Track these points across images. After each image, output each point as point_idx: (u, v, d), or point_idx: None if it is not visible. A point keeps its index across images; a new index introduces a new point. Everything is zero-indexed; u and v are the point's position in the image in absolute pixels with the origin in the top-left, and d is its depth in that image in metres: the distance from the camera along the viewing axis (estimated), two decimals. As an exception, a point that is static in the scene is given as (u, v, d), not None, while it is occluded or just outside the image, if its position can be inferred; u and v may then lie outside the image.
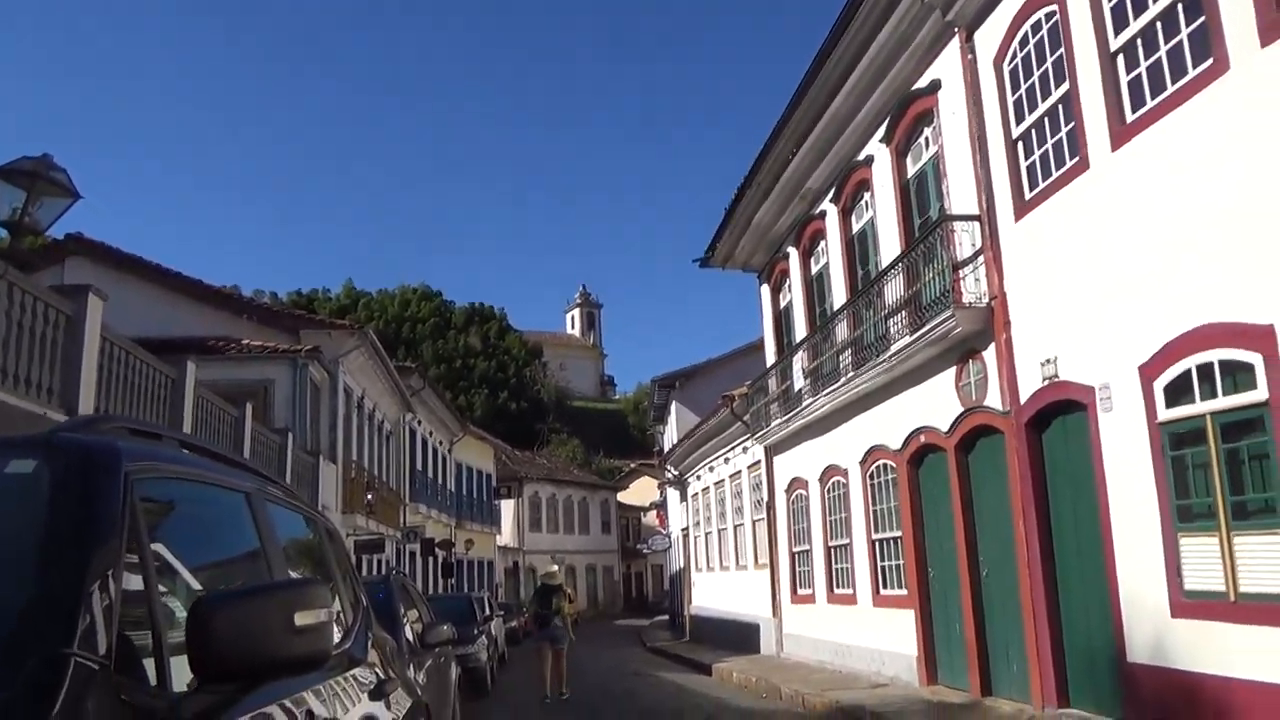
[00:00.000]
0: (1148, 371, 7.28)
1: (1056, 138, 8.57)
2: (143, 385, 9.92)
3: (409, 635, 6.95)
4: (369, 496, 20.62)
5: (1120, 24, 7.60)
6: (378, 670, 3.30)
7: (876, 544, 12.89)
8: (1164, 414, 7.15)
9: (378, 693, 3.14)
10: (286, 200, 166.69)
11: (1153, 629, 7.29)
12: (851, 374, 12.56)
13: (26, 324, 7.66)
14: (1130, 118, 7.51)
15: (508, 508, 46.33)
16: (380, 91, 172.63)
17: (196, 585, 2.20)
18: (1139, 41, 7.41)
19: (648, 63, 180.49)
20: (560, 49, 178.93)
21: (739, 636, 19.68)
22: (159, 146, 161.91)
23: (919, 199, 11.69)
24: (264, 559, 2.49)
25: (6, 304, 7.37)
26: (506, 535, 45.98)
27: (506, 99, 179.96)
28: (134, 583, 1.80)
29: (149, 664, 1.78)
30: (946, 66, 10.46)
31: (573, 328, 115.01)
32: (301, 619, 1.86)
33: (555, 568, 14.64)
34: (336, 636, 2.81)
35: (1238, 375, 6.48)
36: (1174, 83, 7.01)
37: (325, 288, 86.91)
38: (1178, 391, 7.01)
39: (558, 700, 12.93)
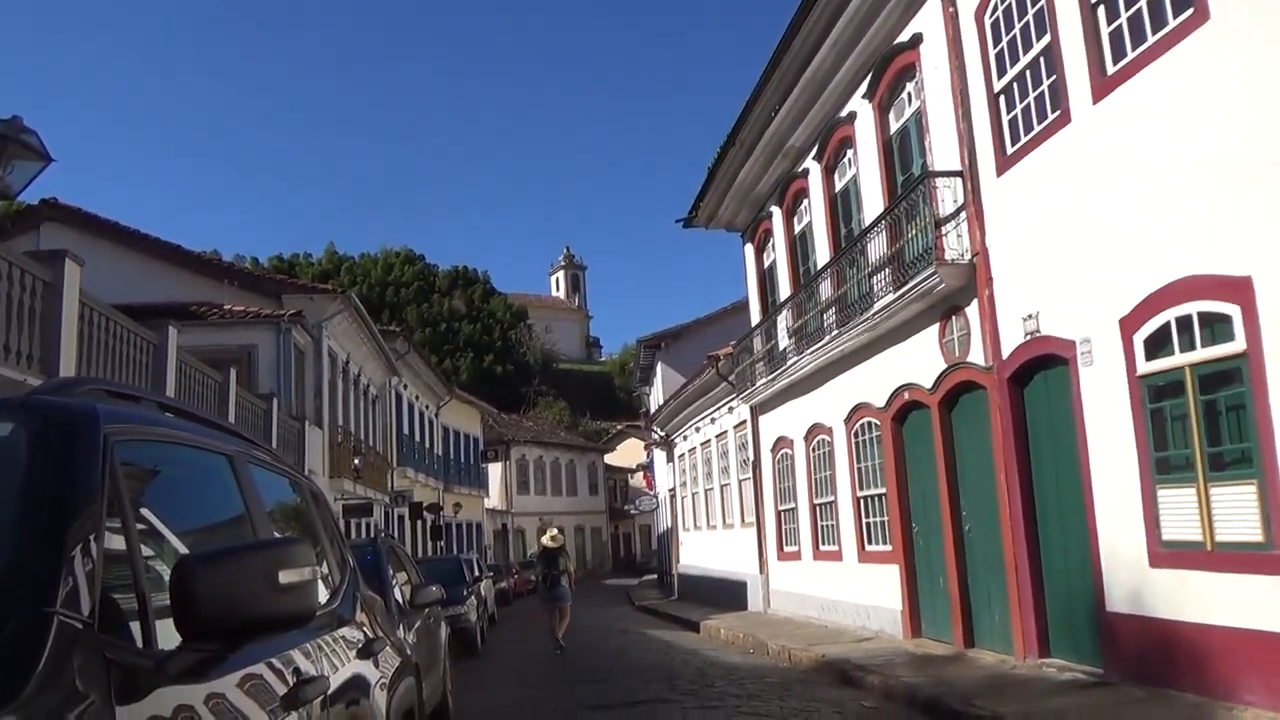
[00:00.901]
0: (1128, 324, 7.34)
1: (1038, 91, 8.53)
2: (124, 351, 9.85)
3: (398, 597, 7.01)
4: (356, 461, 20.64)
5: (1103, -25, 7.54)
6: (366, 630, 3.33)
7: (861, 501, 13.00)
8: (1143, 367, 7.21)
9: (366, 651, 3.16)
10: (265, 163, 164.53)
11: (1131, 579, 7.42)
12: (835, 332, 12.59)
13: (3, 290, 7.58)
14: (1111, 70, 7.48)
15: (495, 471, 46.49)
16: (356, 49, 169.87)
17: (181, 548, 2.20)
18: (1122, -7, 7.36)
19: (628, 16, 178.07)
20: (539, 3, 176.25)
21: (726, 594, 19.87)
22: (131, 108, 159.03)
23: (902, 155, 11.65)
24: (248, 522, 2.48)
25: (-19, 271, 7.28)
26: (494, 498, 46.17)
27: (486, 58, 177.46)
28: (116, 545, 1.80)
29: (134, 625, 1.79)
30: (928, 20, 10.38)
31: (557, 290, 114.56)
32: (286, 577, 1.86)
33: (556, 531, 15.49)
34: (323, 596, 2.83)
35: (1216, 327, 6.54)
36: (1154, 33, 6.98)
37: (307, 252, 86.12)
38: (1157, 344, 7.07)
39: (556, 650, 13.81)
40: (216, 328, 16.80)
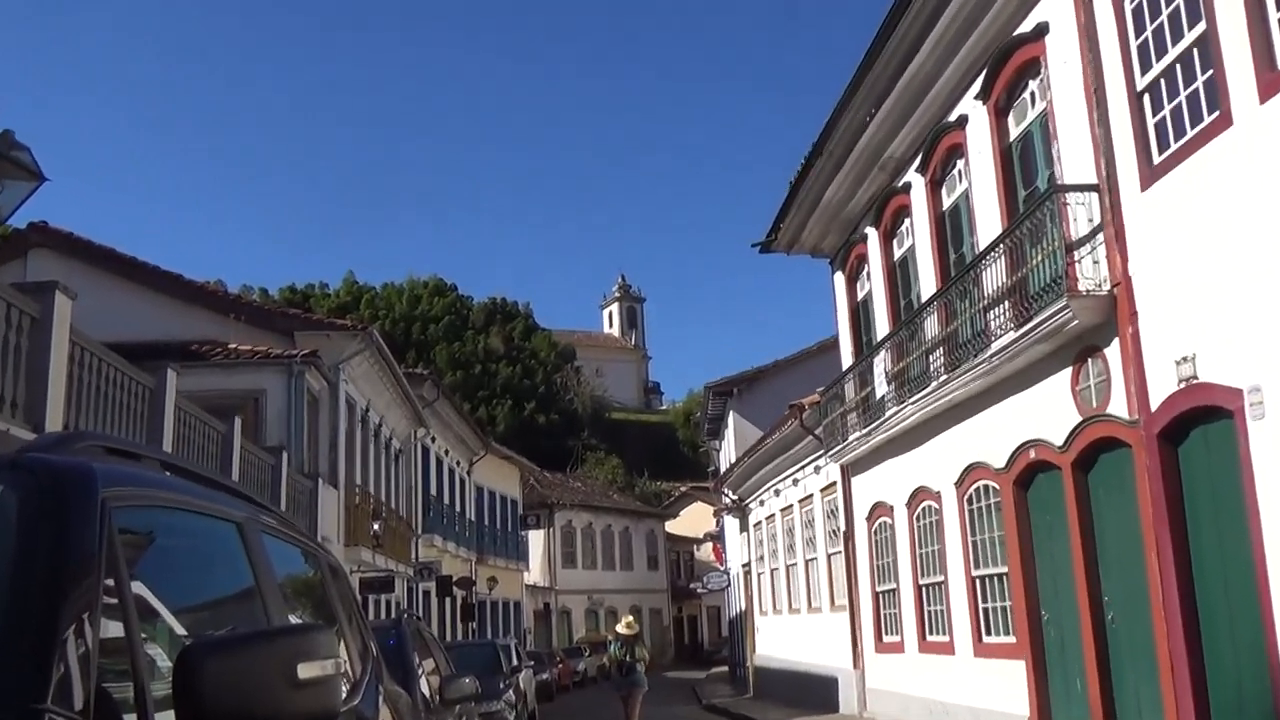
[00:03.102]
0: (1309, 371, 7.12)
1: (1191, 88, 8.42)
2: (117, 397, 10.13)
3: (425, 689, 7.02)
4: (375, 526, 20.86)
5: (1269, -49, 7.45)
6: (390, 730, 3.33)
7: (977, 581, 12.76)
8: (1329, 422, 6.97)
9: (390, 757, 3.16)
10: (275, 183, 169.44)
11: (1319, 683, 7.11)
12: (944, 377, 12.45)
13: (-15, 328, 7.87)
14: (1283, 64, 7.35)
15: (537, 539, 46.60)
16: (379, 54, 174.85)
17: (182, 630, 2.24)
18: (1293, -29, 7.25)
19: (693, 15, 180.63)
20: (591, 8, 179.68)
21: (813, 692, 19.61)
22: (125, 124, 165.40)
23: (1024, 167, 11.57)
24: (259, 599, 2.52)
25: (-38, 306, 7.57)
26: (535, 572, 46.24)
27: (525, 63, 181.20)
28: (113, 627, 1.84)
29: (130, 720, 1.81)
30: (1055, 6, 10.34)
31: (610, 325, 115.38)
32: (305, 671, 1.87)
33: (631, 618, 18.25)
34: (344, 691, 2.84)
35: None
36: (1337, 20, 6.85)
37: (322, 282, 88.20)
38: (1346, 395, 6.84)
39: None
40: (220, 370, 17.22)
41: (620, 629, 17.54)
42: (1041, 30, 10.63)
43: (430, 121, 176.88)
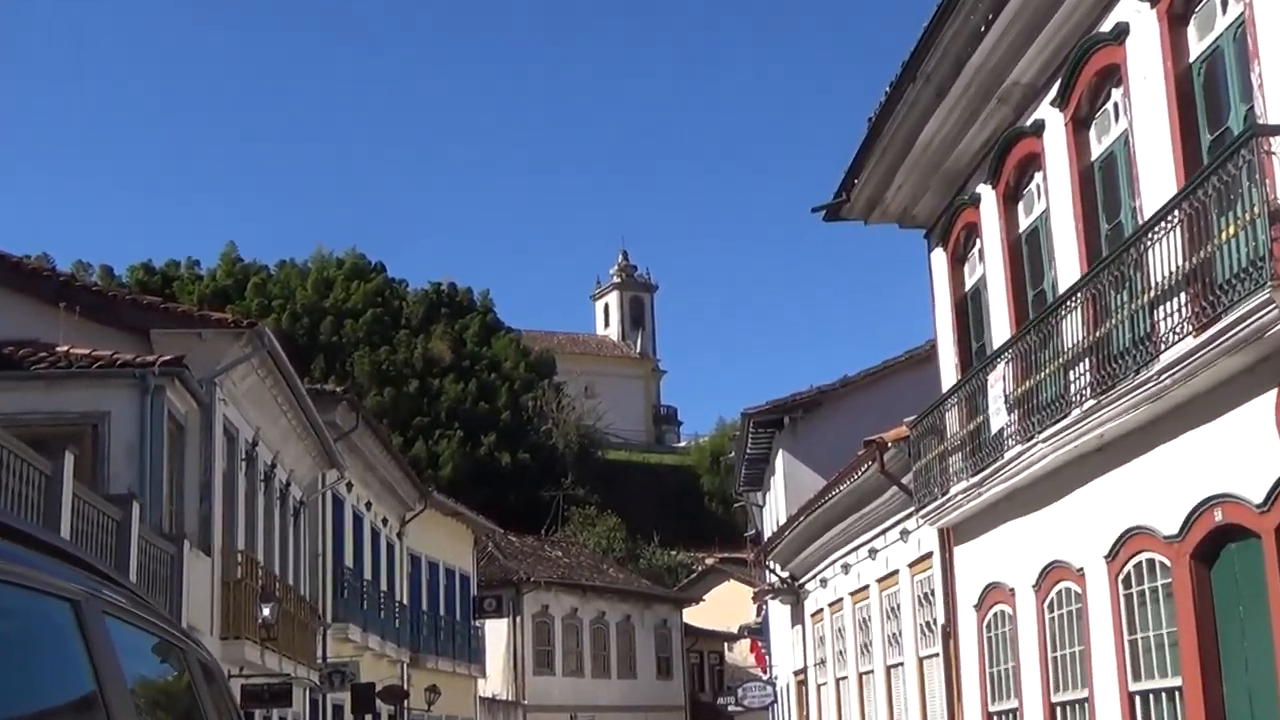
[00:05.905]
0: None
1: None
2: (-105, 422, 10.15)
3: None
4: (266, 611, 20.82)
5: None
6: None
7: (1137, 699, 12.75)
8: None
9: None
10: (124, 124, 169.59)
11: None
12: (1090, 403, 12.45)
13: None
14: None
15: (498, 632, 46.52)
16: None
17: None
18: None
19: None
20: None
21: None
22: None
23: (1208, 99, 11.56)
24: (101, 709, 2.53)
25: None
26: (495, 679, 46.12)
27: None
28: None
29: None
30: None
31: (606, 325, 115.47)
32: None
33: None
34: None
35: None
36: None
37: (192, 259, 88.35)
38: None
39: None
40: (44, 384, 17.23)
41: None
42: (1234, -97, 10.67)
43: (337, 37, 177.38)
